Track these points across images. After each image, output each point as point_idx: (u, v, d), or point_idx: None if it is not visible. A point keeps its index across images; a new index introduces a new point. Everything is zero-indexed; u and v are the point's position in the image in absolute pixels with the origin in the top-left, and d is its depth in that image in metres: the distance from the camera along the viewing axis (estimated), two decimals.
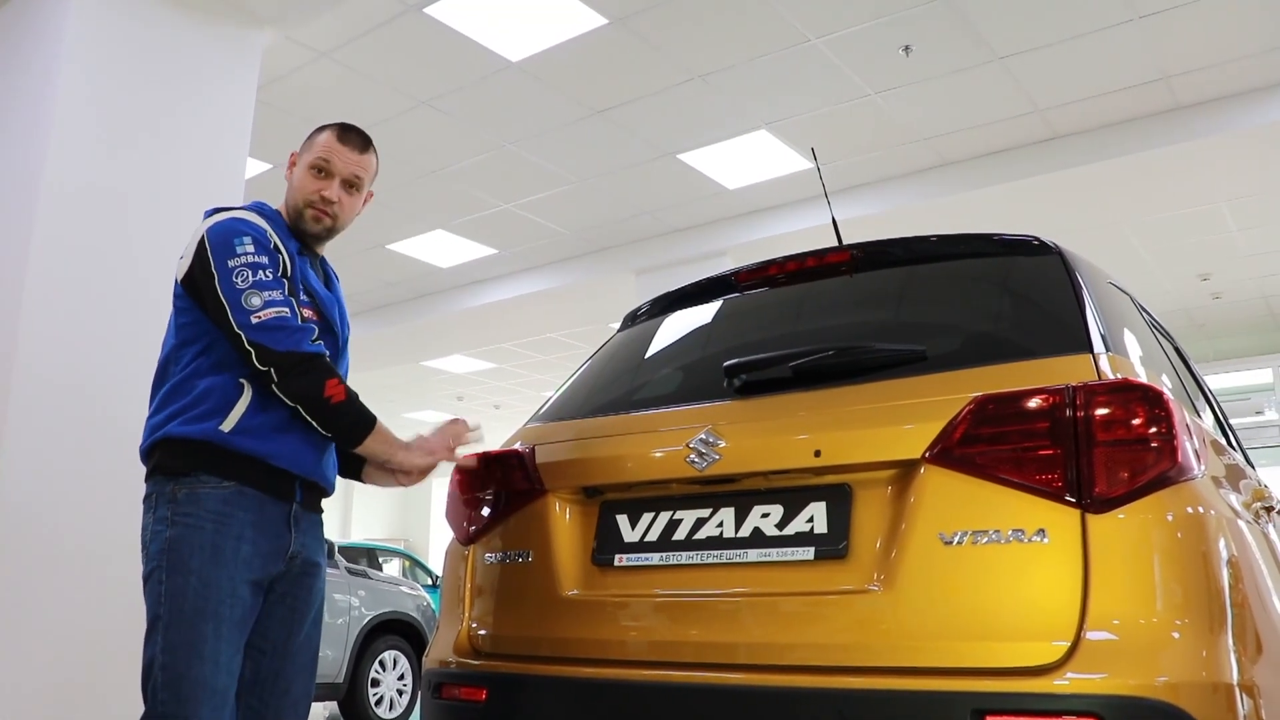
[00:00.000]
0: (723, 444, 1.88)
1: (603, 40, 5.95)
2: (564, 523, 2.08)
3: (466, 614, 2.18)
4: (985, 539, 1.58)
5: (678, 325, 2.49)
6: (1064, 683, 1.46)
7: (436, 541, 21.42)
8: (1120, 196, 7.72)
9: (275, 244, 2.13)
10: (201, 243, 2.09)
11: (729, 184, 8.10)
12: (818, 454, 1.77)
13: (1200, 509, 1.59)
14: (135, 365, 4.13)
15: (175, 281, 2.15)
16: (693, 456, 1.89)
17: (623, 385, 2.38)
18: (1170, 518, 1.55)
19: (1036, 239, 2.10)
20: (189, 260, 2.11)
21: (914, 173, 7.87)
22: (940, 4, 5.59)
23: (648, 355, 2.44)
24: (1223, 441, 2.29)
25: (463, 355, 13.34)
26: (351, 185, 2.27)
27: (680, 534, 1.91)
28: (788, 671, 1.67)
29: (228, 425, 2.04)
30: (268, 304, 2.00)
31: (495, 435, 2.28)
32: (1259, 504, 2.12)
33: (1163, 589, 1.51)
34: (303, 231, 2.25)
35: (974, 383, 1.72)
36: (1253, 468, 2.65)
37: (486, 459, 2.25)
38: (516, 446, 2.24)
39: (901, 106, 6.80)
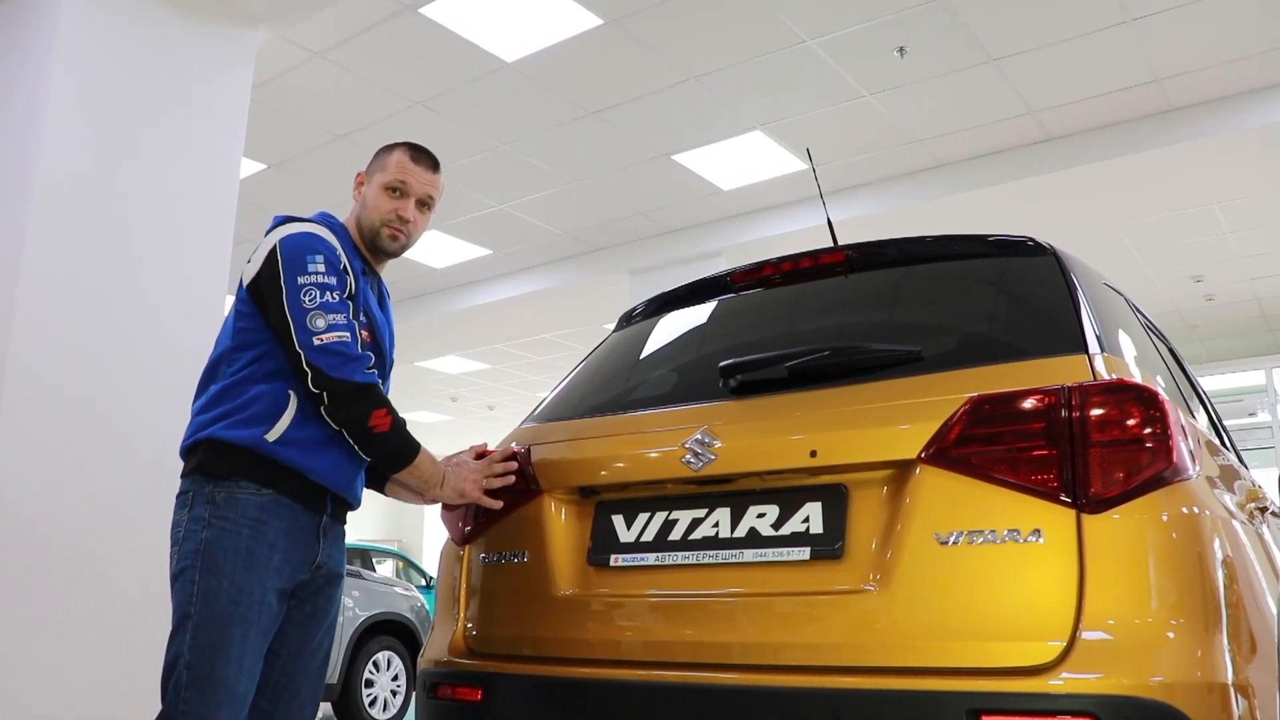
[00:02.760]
0: (718, 444, 1.88)
1: (598, 41, 5.95)
2: (559, 523, 2.08)
3: (462, 614, 2.18)
4: (981, 539, 1.58)
5: (673, 326, 2.49)
6: (1059, 682, 1.46)
7: (430, 542, 21.40)
8: (1113, 198, 7.74)
9: (344, 264, 2.14)
10: (273, 252, 2.09)
11: (724, 185, 8.11)
12: (813, 454, 1.77)
13: (1195, 509, 1.60)
14: (130, 366, 4.13)
15: (240, 285, 2.16)
16: (688, 457, 1.89)
17: (618, 386, 2.38)
18: (1165, 518, 1.56)
19: (1031, 240, 2.11)
20: (257, 267, 2.11)
21: (908, 174, 7.88)
22: (935, 6, 5.60)
23: (643, 356, 2.44)
24: (1216, 442, 2.29)
25: (457, 356, 13.33)
26: (424, 204, 2.32)
27: (676, 534, 1.91)
28: (783, 671, 1.67)
29: (273, 435, 2.05)
30: (331, 327, 2.02)
31: (489, 436, 2.28)
32: (1253, 504, 2.12)
33: (1158, 589, 1.52)
34: (377, 249, 2.29)
35: (969, 383, 1.72)
36: (1246, 468, 2.66)
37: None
38: (512, 447, 2.24)
39: (896, 108, 6.81)
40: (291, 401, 2.07)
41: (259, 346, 2.10)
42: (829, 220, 2.75)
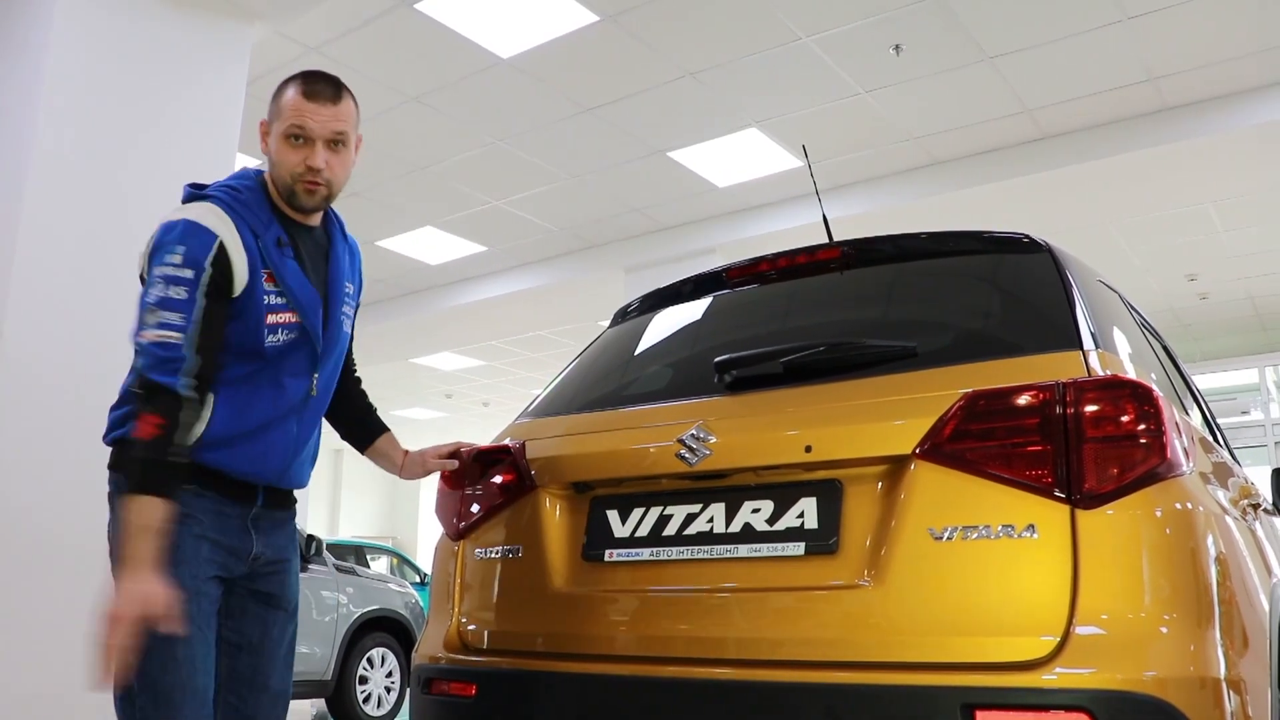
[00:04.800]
0: (713, 439, 1.88)
1: (594, 37, 5.94)
2: (554, 518, 2.08)
3: (456, 609, 2.18)
4: (975, 534, 1.59)
5: (668, 321, 2.49)
6: (1053, 677, 1.46)
7: (425, 539, 21.39)
8: (1108, 196, 7.75)
9: (214, 255, 1.93)
10: (151, 239, 2.00)
11: (719, 182, 8.11)
12: (808, 449, 1.78)
13: (1188, 505, 1.60)
14: (127, 361, 4.10)
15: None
16: (683, 452, 1.89)
17: (613, 381, 2.38)
18: (1159, 514, 1.56)
19: (1027, 236, 2.11)
20: (145, 255, 2.02)
21: (903, 172, 7.89)
22: (931, 3, 5.60)
23: (638, 351, 2.44)
24: (1210, 439, 2.30)
25: (452, 352, 13.32)
26: (335, 143, 2.00)
27: (670, 529, 1.91)
28: (777, 666, 1.68)
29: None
30: (161, 324, 1.87)
31: (484, 433, 2.27)
32: (1246, 501, 2.13)
33: (1151, 584, 1.52)
34: (296, 207, 2.03)
35: (964, 379, 1.73)
36: (1240, 466, 2.67)
37: (477, 454, 2.25)
38: (507, 442, 2.24)
39: (892, 105, 6.81)
40: (207, 402, 1.94)
41: None
42: (824, 216, 2.75)
